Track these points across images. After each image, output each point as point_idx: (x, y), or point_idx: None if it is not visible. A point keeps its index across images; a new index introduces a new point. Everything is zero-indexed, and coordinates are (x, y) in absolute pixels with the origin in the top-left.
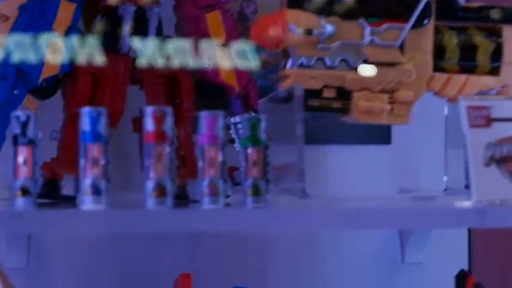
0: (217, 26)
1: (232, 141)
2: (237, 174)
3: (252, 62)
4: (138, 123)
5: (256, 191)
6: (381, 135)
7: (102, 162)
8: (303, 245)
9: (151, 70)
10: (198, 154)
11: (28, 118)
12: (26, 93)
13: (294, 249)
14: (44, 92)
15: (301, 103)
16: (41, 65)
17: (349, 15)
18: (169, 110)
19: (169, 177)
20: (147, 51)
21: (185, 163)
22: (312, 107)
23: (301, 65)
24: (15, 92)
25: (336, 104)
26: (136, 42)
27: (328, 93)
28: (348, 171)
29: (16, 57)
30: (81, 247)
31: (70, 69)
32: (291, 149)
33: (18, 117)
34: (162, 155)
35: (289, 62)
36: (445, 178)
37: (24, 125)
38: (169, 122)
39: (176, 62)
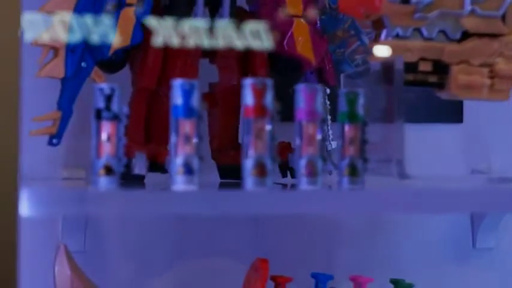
0: None
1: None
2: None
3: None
4: (207, 99)
5: (353, 171)
6: (453, 113)
7: (195, 139)
8: (373, 227)
9: None
10: (295, 130)
11: (113, 91)
12: (93, 65)
13: (363, 232)
14: (112, 64)
15: (402, 77)
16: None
17: None
18: (270, 81)
19: (270, 155)
20: (221, 26)
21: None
22: (407, 81)
23: (396, 36)
24: (83, 64)
25: (432, 79)
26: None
27: (425, 67)
28: (417, 151)
29: (85, 28)
30: (139, 229)
31: (141, 41)
32: (375, 127)
33: (101, 89)
34: (263, 130)
35: (384, 33)
36: None
37: (108, 99)
38: (270, 95)
39: (251, 38)
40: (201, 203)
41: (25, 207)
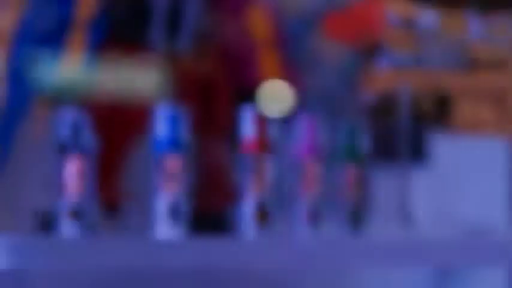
0: (261, 22)
1: None
2: None
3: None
4: None
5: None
6: (417, 155)
7: (183, 177)
8: (330, 283)
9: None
10: (293, 169)
11: (81, 120)
12: None
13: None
14: None
15: (408, 111)
16: None
17: (453, 4)
18: None
19: (271, 196)
20: (186, 46)
21: (219, 186)
22: None
23: (396, 64)
24: None
25: (433, 112)
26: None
27: (426, 99)
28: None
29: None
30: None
31: None
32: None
33: (66, 117)
34: (264, 168)
35: (382, 60)
36: None
37: (75, 129)
38: (275, 128)
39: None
40: (185, 252)
41: None
